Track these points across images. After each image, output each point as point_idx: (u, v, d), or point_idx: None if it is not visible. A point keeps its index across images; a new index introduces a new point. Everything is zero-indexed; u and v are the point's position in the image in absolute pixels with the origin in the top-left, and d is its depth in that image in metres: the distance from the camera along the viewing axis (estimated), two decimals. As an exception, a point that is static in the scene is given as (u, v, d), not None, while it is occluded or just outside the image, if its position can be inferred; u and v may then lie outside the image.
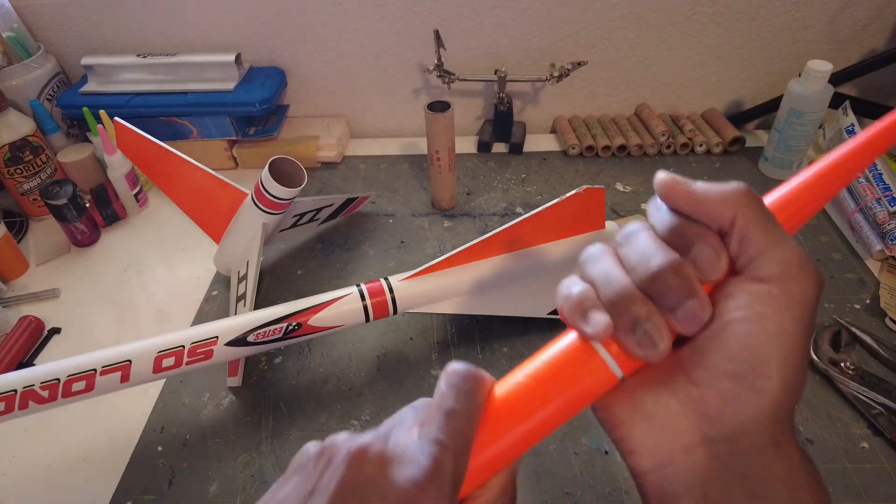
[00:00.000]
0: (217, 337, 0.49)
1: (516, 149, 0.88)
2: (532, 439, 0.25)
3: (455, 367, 0.26)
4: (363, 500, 0.23)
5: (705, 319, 0.24)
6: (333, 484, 0.24)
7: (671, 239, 0.25)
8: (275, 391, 0.56)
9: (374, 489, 0.23)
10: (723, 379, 0.23)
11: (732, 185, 0.25)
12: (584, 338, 0.25)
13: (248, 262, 0.61)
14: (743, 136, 0.83)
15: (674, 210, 0.25)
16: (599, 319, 0.24)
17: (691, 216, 0.25)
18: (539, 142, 0.90)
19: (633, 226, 0.26)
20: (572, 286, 0.26)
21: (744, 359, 0.23)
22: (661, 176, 0.26)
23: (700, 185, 0.25)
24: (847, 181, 0.27)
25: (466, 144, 0.90)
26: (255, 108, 0.81)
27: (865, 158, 0.27)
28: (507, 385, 0.26)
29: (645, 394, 0.25)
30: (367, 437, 0.25)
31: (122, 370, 0.47)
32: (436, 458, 0.23)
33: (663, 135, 0.84)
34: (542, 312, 0.58)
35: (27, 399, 0.45)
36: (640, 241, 0.25)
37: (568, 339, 0.26)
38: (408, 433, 0.25)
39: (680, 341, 0.25)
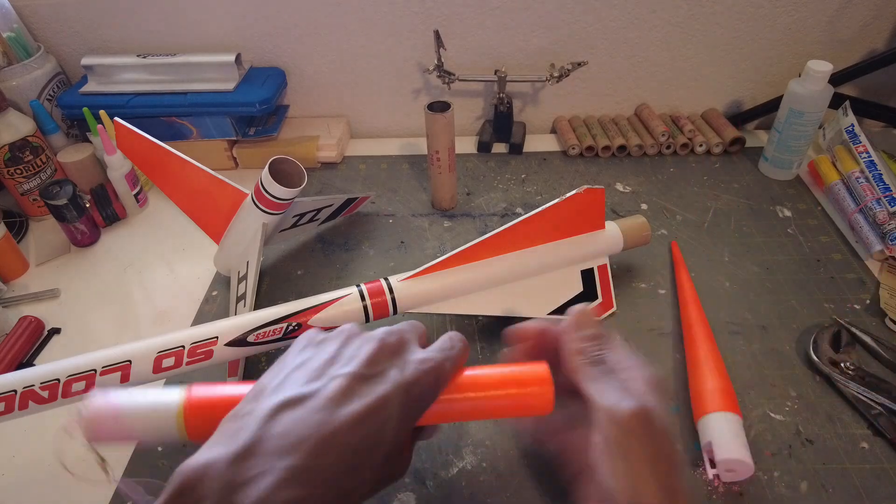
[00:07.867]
0: (217, 337, 0.49)
1: (516, 149, 0.88)
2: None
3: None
4: (384, 370, 0.32)
5: None
6: (364, 353, 0.33)
7: None
8: (275, 391, 0.56)
9: (393, 364, 0.33)
10: None
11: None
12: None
13: (248, 263, 0.61)
14: (743, 136, 0.83)
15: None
16: None
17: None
18: (539, 142, 0.90)
19: None
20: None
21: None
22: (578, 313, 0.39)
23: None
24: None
25: (466, 144, 0.90)
26: (255, 109, 0.81)
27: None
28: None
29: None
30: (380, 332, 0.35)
31: (122, 370, 0.47)
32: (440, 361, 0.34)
33: (663, 135, 0.84)
34: (542, 312, 0.58)
35: (27, 399, 0.45)
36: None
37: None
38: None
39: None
